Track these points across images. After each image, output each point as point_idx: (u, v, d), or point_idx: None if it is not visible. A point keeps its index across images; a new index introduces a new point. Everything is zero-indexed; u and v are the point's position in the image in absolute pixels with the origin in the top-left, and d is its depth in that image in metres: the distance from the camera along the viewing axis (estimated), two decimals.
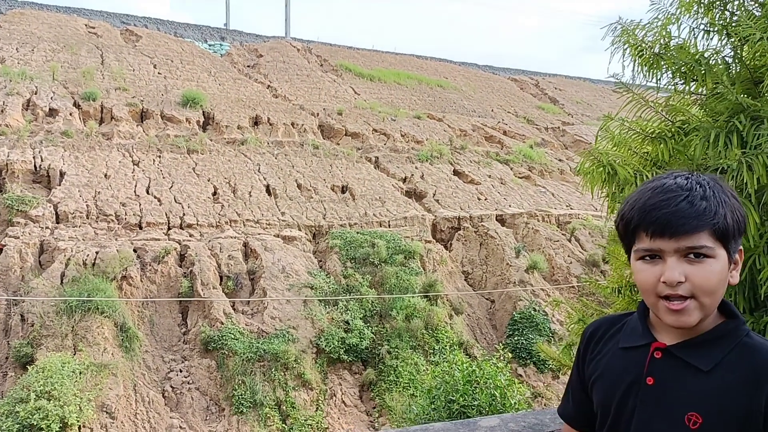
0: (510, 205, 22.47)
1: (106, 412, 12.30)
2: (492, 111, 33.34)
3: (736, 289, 4.38)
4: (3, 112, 19.69)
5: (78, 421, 11.60)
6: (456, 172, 24.53)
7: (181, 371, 14.05)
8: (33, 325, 13.10)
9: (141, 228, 16.75)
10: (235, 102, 24.61)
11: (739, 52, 4.05)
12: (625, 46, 4.59)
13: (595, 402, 1.45)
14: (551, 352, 11.95)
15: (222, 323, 14.57)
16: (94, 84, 22.77)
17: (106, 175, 18.32)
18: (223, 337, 14.21)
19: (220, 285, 15.71)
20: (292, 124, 24.26)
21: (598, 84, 44.14)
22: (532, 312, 17.58)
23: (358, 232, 18.40)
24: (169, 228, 17.09)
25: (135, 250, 15.64)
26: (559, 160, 28.84)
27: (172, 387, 13.74)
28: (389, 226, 19.60)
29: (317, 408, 14.09)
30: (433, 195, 22.21)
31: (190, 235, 17.00)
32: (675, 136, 4.23)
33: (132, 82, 24.06)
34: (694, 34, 4.34)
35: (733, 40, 4.10)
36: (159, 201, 17.86)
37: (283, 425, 13.48)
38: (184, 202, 18.10)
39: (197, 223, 17.49)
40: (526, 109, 35.31)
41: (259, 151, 22.04)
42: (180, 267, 15.91)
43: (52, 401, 11.42)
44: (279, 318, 15.29)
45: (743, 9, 4.07)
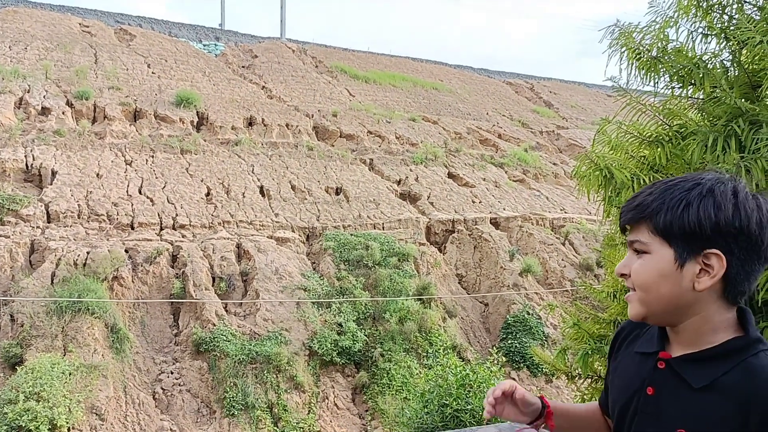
0: (504, 209, 22.46)
1: (96, 414, 12.20)
2: (487, 114, 33.34)
3: None
4: None
5: (67, 422, 11.50)
6: (450, 175, 24.51)
7: (172, 373, 13.94)
8: (22, 326, 12.98)
9: (133, 228, 16.64)
10: (229, 102, 24.52)
11: (737, 55, 4.02)
12: (623, 49, 4.55)
13: (610, 400, 1.47)
14: (545, 356, 11.90)
15: (214, 325, 14.48)
16: (88, 83, 22.64)
17: (98, 174, 18.20)
18: (215, 339, 14.11)
19: (213, 286, 15.61)
20: (287, 125, 24.18)
21: (593, 88, 44.22)
22: (526, 315, 17.55)
23: (352, 234, 18.33)
24: (161, 228, 16.99)
25: (127, 251, 15.53)
26: (554, 164, 28.86)
27: (162, 389, 13.64)
28: (383, 228, 19.55)
29: (309, 411, 14.01)
30: (428, 197, 22.17)
31: (183, 236, 16.90)
32: (672, 140, 4.19)
33: (125, 82, 23.93)
34: (693, 38, 4.30)
35: (731, 43, 4.07)
36: (151, 201, 17.75)
37: (275, 428, 13.40)
38: (176, 203, 18.00)
39: (190, 224, 17.39)
40: (521, 112, 35.34)
41: (253, 152, 21.95)
42: (172, 268, 15.80)
43: (41, 402, 11.31)
44: (272, 320, 15.20)
45: (742, 12, 4.04)
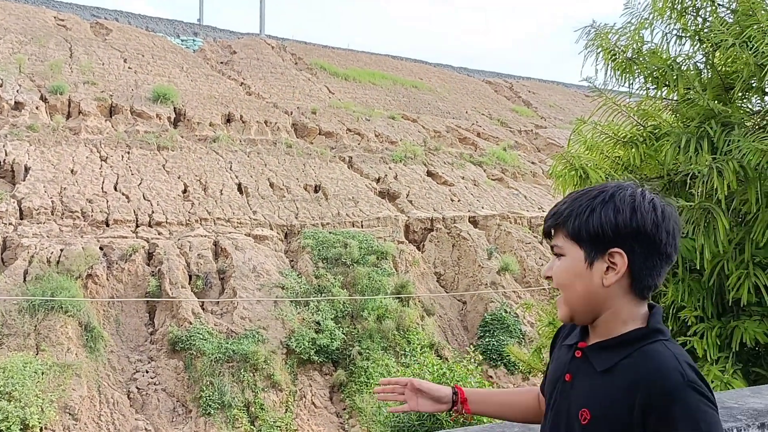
0: (483, 207, 22.55)
1: (69, 414, 12.02)
2: (466, 113, 33.45)
3: (704, 294, 4.39)
4: None
5: (39, 422, 11.33)
6: (429, 173, 24.55)
7: (147, 372, 13.79)
8: None
9: (108, 225, 16.41)
10: (207, 98, 24.29)
11: (710, 57, 4.06)
12: (599, 50, 4.58)
13: (546, 394, 1.58)
14: (521, 354, 11.98)
15: (190, 323, 14.34)
16: (62, 77, 22.26)
17: (72, 170, 17.92)
18: (192, 338, 13.98)
19: (189, 284, 15.46)
20: (266, 122, 24.02)
21: (572, 88, 44.57)
22: (503, 314, 17.65)
23: (330, 232, 18.28)
24: (137, 226, 16.78)
25: (101, 248, 15.32)
26: (532, 163, 29.05)
27: (137, 388, 13.49)
28: (362, 226, 19.52)
29: (287, 409, 13.95)
30: (407, 196, 22.18)
31: (159, 233, 16.71)
32: (647, 141, 4.23)
33: (101, 76, 23.58)
34: (667, 39, 4.34)
35: (705, 45, 4.11)
36: (127, 198, 17.52)
37: (252, 427, 13.32)
38: (153, 200, 17.79)
39: (166, 221, 17.20)
40: (500, 111, 35.50)
41: (231, 149, 21.77)
42: (148, 266, 15.62)
43: (12, 402, 11.14)
44: (249, 318, 15.11)
45: (716, 15, 4.08)
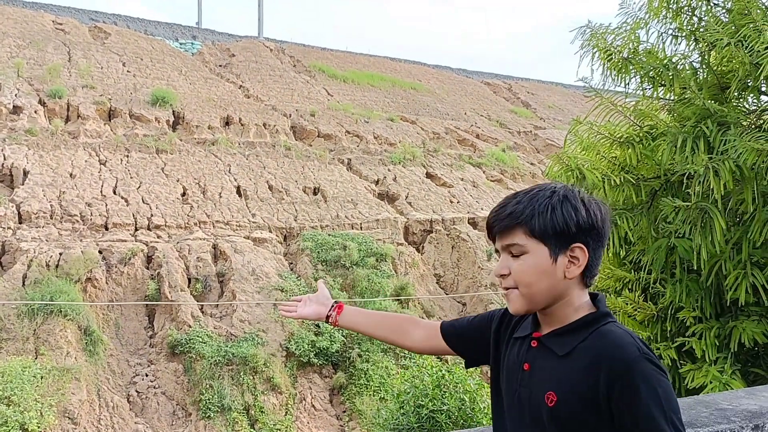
0: (482, 208, 22.53)
1: (69, 418, 12.00)
2: (465, 114, 33.46)
3: (702, 294, 4.37)
4: None
5: (39, 427, 11.31)
6: (428, 175, 24.54)
7: (146, 375, 13.77)
8: None
9: (107, 229, 16.40)
10: (206, 102, 24.29)
11: (706, 57, 4.05)
12: (594, 50, 4.57)
13: (503, 389, 1.62)
14: None
15: (190, 326, 14.32)
16: (61, 81, 22.26)
17: (71, 174, 17.91)
18: (191, 341, 13.96)
19: (189, 287, 15.45)
20: (264, 125, 24.02)
21: (570, 88, 44.58)
22: None
23: (329, 235, 18.26)
24: (136, 229, 16.76)
25: (100, 252, 15.31)
26: (531, 164, 29.05)
27: (137, 391, 13.46)
28: (361, 228, 19.50)
29: (286, 412, 13.92)
30: (406, 197, 22.17)
31: (158, 237, 16.69)
32: (643, 141, 4.22)
33: (100, 80, 23.58)
34: (663, 39, 4.34)
35: (700, 45, 4.10)
36: (126, 201, 17.51)
37: (252, 430, 13.29)
38: (152, 203, 17.78)
39: (165, 225, 17.18)
40: (499, 112, 35.51)
41: (229, 152, 21.77)
42: (147, 269, 15.61)
43: (11, 407, 11.12)
44: (248, 321, 15.09)
45: (711, 14, 4.08)
